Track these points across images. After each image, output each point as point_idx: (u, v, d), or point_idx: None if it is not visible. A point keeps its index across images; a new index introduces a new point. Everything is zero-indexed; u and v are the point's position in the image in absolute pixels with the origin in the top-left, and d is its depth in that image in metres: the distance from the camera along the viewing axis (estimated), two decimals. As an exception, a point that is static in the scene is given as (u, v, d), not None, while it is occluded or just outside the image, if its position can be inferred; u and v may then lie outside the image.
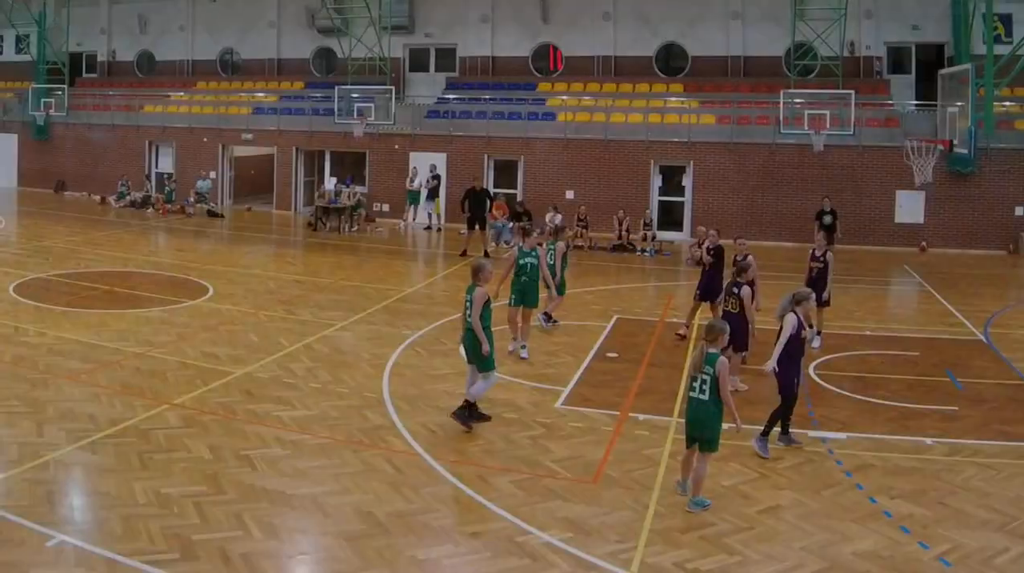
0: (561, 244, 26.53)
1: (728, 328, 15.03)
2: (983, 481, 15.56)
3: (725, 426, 14.34)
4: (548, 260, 24.93)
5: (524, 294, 23.17)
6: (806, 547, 13.02)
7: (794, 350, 16.67)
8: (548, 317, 25.99)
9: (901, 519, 13.96)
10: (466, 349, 17.85)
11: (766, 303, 22.86)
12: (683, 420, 14.79)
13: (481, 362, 17.48)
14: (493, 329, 17.75)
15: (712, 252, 24.60)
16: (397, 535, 13.02)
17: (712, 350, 14.21)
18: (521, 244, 23.37)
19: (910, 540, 13.28)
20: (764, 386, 18.93)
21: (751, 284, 20.83)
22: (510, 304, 23.29)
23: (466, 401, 17.60)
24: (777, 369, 17.02)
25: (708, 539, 13.19)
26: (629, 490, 14.89)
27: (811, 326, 16.99)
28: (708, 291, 24.72)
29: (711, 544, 13.04)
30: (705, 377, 14.11)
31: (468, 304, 17.47)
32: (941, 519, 14.01)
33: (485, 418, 17.65)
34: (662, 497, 14.58)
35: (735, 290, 20.28)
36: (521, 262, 23.16)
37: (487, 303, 17.45)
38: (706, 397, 14.09)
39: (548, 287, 24.77)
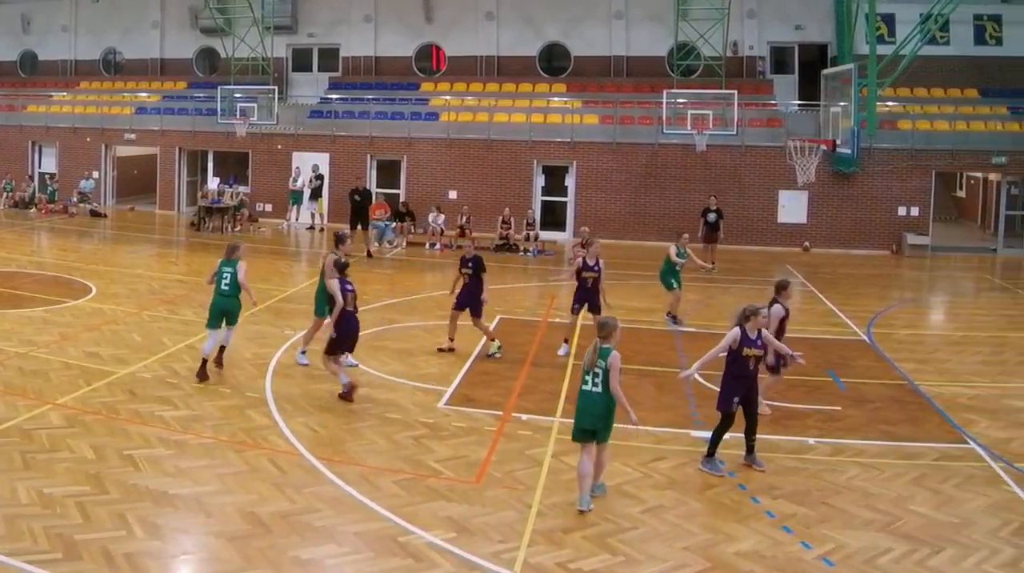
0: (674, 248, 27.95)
1: (620, 324, 14.81)
2: (866, 481, 15.65)
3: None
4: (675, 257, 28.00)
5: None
6: (689, 547, 13.03)
7: (735, 368, 16.06)
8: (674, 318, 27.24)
9: (784, 519, 14.00)
10: (222, 314, 20.77)
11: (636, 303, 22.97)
12: (574, 417, 14.69)
13: (235, 320, 21.23)
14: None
15: (471, 264, 24.01)
16: (280, 535, 12.98)
17: (605, 345, 14.27)
18: (335, 253, 22.24)
19: (793, 540, 13.33)
20: (646, 386, 18.82)
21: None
22: (322, 314, 21.81)
23: (204, 359, 20.29)
24: (696, 377, 17.70)
25: (591, 539, 13.18)
26: (512, 490, 14.89)
27: (756, 340, 16.43)
28: (465, 300, 24.00)
29: (594, 544, 13.04)
30: (598, 371, 14.23)
31: (228, 275, 20.82)
32: (824, 519, 14.05)
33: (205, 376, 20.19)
34: (545, 497, 14.58)
35: None
36: None
37: None
38: (599, 390, 14.23)
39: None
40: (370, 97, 52.56)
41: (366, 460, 16.06)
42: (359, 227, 39.74)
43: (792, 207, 44.80)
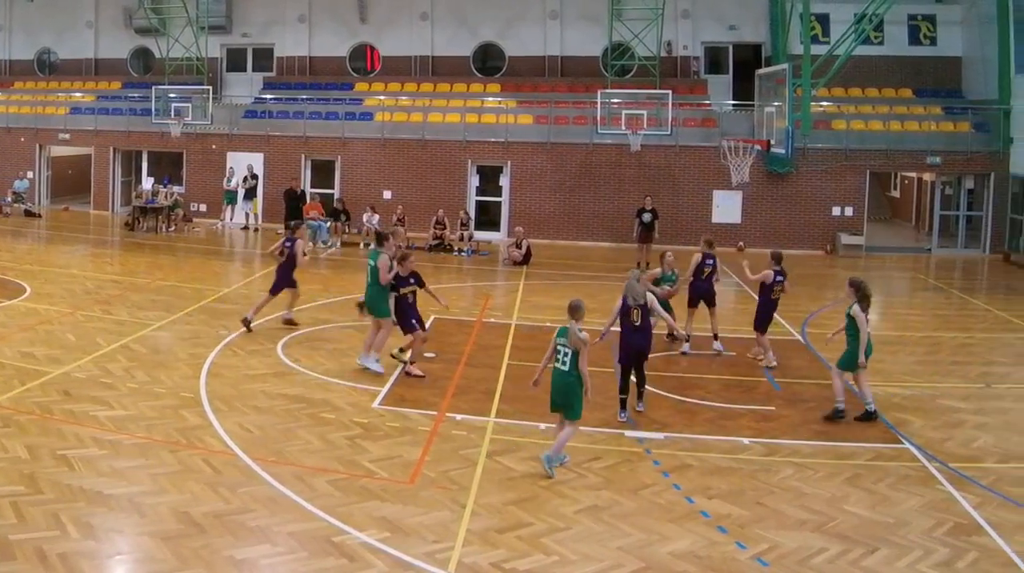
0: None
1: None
2: (800, 481, 15.67)
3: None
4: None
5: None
6: (623, 547, 13.01)
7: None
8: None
9: (718, 519, 13.99)
10: None
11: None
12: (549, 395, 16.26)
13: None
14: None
15: (413, 280, 22.94)
16: (214, 535, 12.91)
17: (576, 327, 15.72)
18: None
19: (727, 540, 13.32)
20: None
21: None
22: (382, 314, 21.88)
23: None
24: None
25: (525, 539, 13.17)
26: (446, 490, 14.88)
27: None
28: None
29: (528, 544, 13.03)
30: (568, 350, 15.72)
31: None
32: (758, 519, 14.05)
33: None
34: (479, 497, 14.58)
35: None
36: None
37: None
38: (566, 368, 15.75)
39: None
40: (304, 97, 52.29)
41: (300, 460, 15.97)
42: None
43: (726, 207, 44.94)
